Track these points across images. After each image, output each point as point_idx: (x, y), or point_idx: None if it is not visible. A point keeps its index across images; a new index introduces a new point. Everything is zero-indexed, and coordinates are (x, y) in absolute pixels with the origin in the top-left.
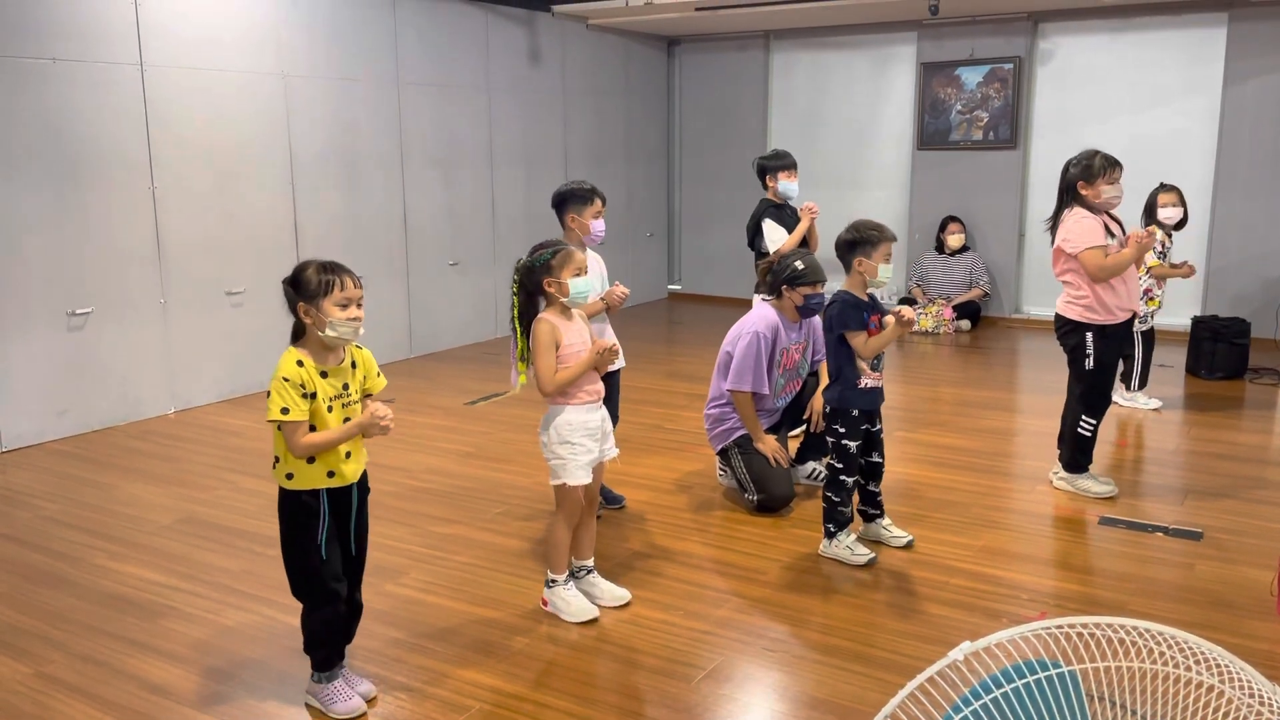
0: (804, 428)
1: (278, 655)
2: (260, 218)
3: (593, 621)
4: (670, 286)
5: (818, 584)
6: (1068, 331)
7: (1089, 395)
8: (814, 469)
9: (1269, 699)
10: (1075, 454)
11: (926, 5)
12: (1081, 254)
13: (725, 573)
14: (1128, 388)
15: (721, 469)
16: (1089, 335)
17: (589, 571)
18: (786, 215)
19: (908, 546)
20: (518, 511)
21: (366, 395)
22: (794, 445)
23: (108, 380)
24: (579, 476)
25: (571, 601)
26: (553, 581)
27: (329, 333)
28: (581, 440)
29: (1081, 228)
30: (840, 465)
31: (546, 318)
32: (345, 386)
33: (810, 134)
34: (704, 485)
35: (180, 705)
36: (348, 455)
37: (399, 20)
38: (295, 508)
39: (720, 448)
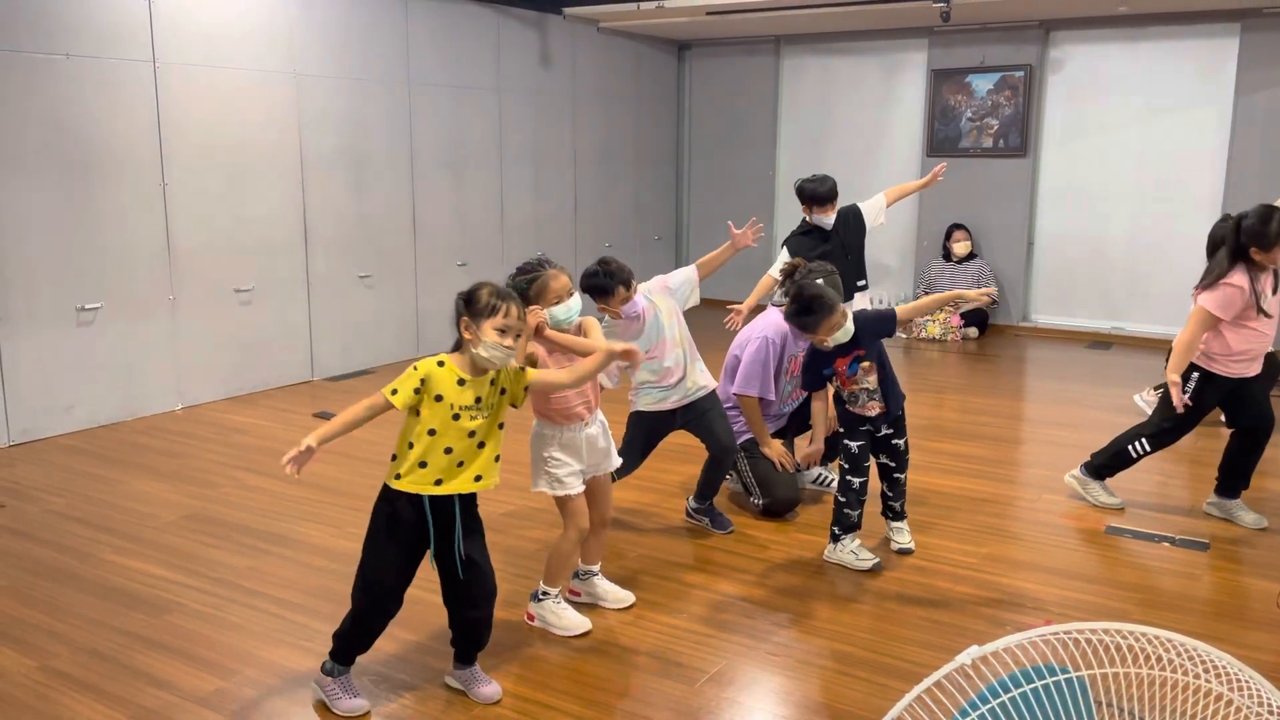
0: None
1: (282, 652)
2: (270, 216)
3: (585, 634)
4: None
5: (822, 588)
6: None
7: (1165, 427)
8: (820, 474)
9: (1277, 706)
10: (1108, 463)
11: (938, 12)
12: (1200, 305)
13: (729, 576)
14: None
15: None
16: (1195, 375)
17: (594, 575)
18: (810, 241)
19: (902, 553)
20: (524, 513)
21: (526, 388)
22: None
23: (116, 376)
24: (555, 487)
25: (564, 615)
26: (544, 594)
27: (480, 352)
28: (554, 454)
29: (1220, 296)
30: (847, 465)
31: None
32: (478, 400)
33: (820, 139)
34: None
35: (184, 700)
36: (460, 465)
37: (410, 21)
38: (387, 508)
39: None
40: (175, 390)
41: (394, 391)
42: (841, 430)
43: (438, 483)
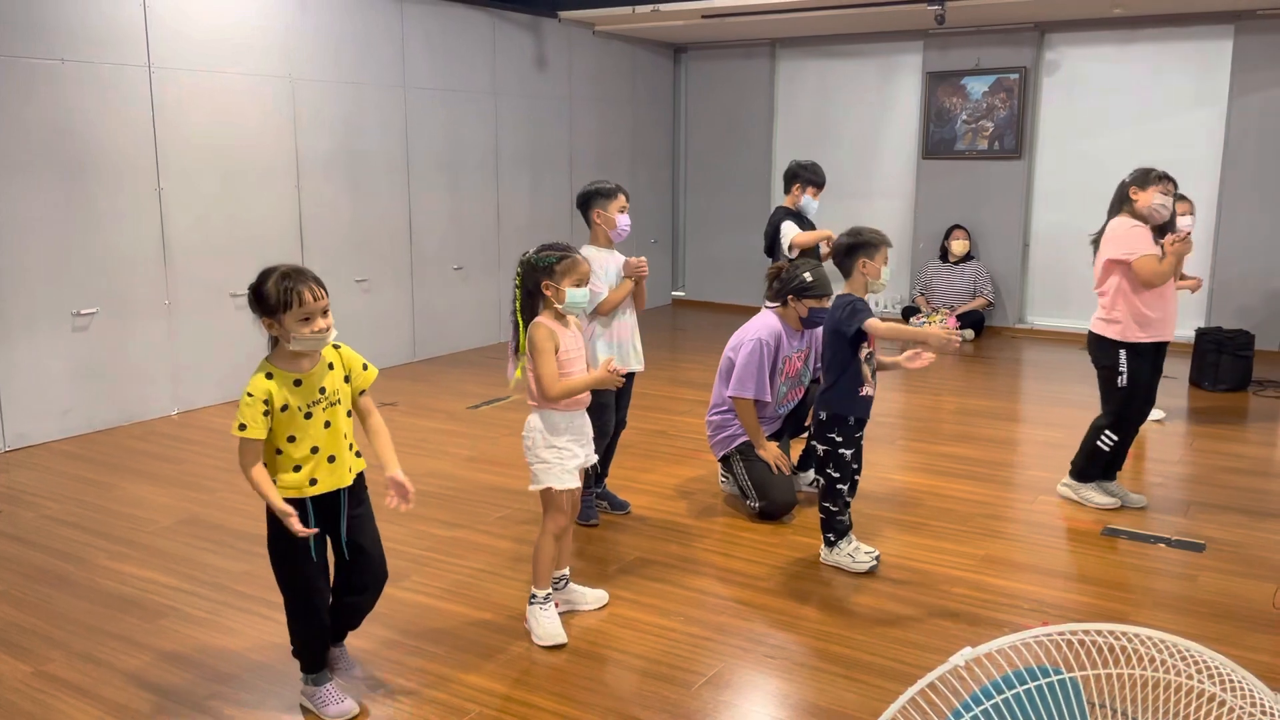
0: (806, 434)
1: (276, 656)
2: (266, 220)
3: (560, 647)
4: (674, 293)
5: (819, 591)
6: (1101, 350)
7: (1120, 413)
8: (816, 477)
9: (1271, 708)
10: (1087, 465)
11: (933, 15)
12: (1137, 261)
13: (726, 579)
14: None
15: (723, 476)
16: (1123, 353)
17: (566, 581)
18: (805, 225)
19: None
20: (519, 516)
21: (361, 393)
22: (796, 452)
23: (112, 381)
24: (565, 481)
25: (544, 623)
26: (534, 597)
27: (294, 347)
28: (568, 445)
29: (1133, 235)
30: (837, 475)
31: (543, 322)
32: (323, 390)
33: (815, 142)
34: (705, 492)
35: (179, 705)
36: (331, 460)
37: (406, 25)
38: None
39: (722, 454)
40: (171, 395)
41: (242, 426)
42: (840, 439)
43: (313, 482)
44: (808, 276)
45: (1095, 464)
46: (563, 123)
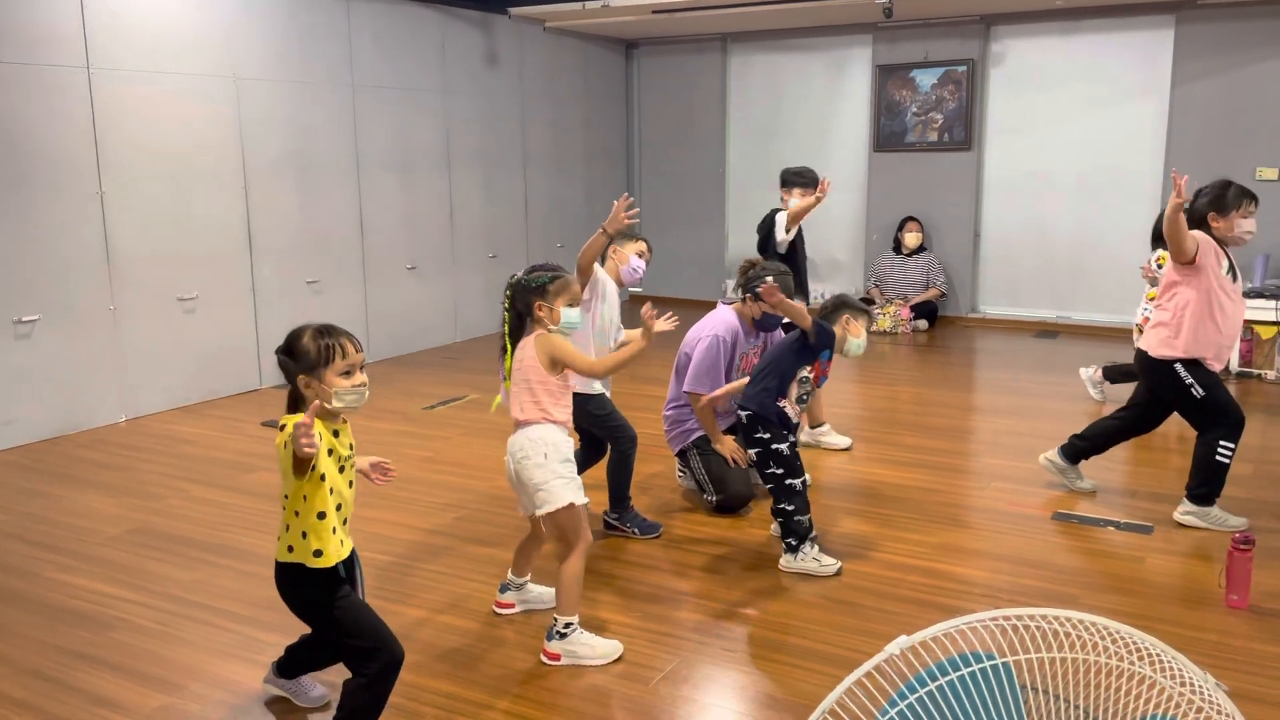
0: None
1: (229, 666)
2: (213, 222)
3: (620, 659)
4: (630, 289)
5: (776, 583)
6: (1156, 374)
7: (1220, 420)
8: None
9: (1199, 686)
10: (1211, 484)
11: (881, 8)
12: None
13: (683, 574)
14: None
15: (680, 470)
16: (1178, 367)
17: (525, 584)
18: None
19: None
20: (476, 516)
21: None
22: None
23: (56, 389)
24: (582, 494)
25: (597, 644)
26: (568, 627)
27: (335, 404)
28: (571, 457)
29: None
30: (781, 470)
31: (544, 333)
32: (351, 448)
33: (768, 136)
34: (663, 486)
35: (129, 718)
36: (345, 522)
37: (353, 23)
38: (326, 581)
39: (679, 449)
40: (118, 402)
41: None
42: (767, 436)
43: (317, 554)
44: (770, 280)
45: (1216, 481)
46: (515, 120)
